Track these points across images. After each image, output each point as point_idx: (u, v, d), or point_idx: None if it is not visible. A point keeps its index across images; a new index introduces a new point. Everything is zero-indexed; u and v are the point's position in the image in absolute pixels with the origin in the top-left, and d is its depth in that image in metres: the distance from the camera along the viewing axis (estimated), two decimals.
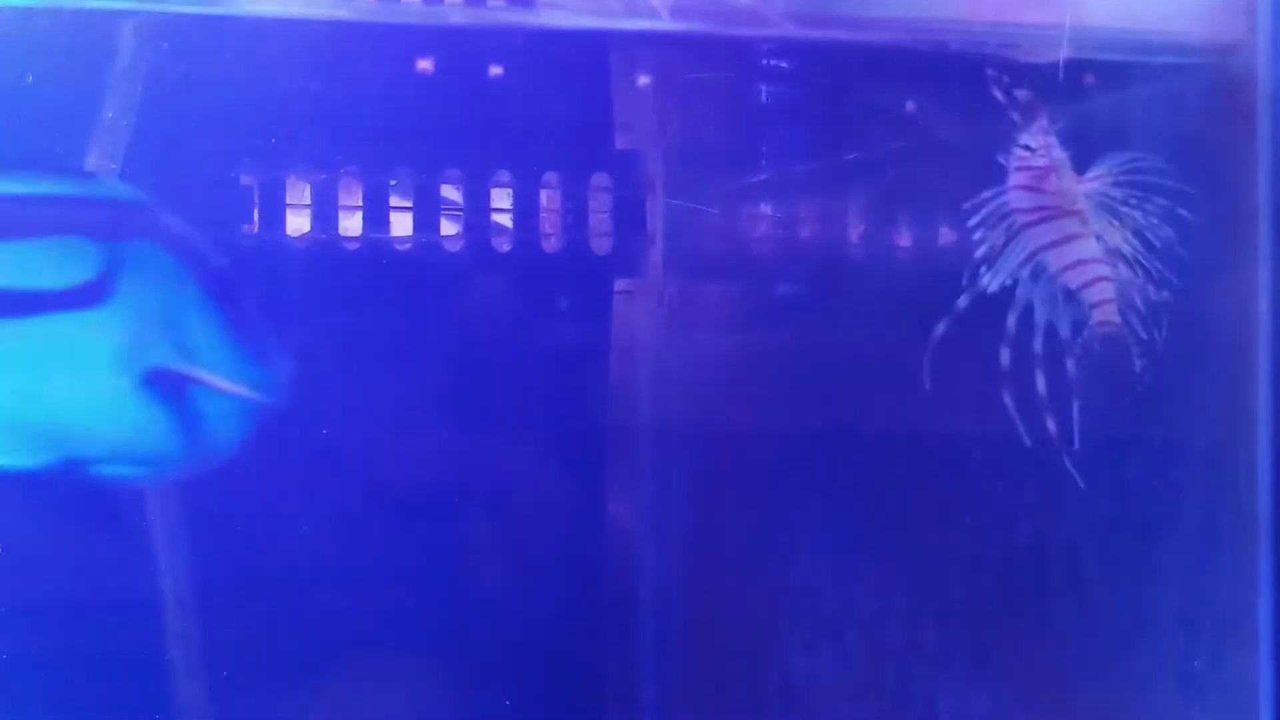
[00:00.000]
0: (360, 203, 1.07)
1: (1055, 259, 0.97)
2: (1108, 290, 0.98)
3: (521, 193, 1.09)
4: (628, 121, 1.09)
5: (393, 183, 1.06)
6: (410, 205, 1.08)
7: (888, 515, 1.12)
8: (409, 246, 1.08)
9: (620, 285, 1.12)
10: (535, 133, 1.08)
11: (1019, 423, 0.96)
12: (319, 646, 1.03)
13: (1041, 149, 0.96)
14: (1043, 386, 0.96)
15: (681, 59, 1.06)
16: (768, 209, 1.13)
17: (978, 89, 1.00)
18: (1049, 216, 0.97)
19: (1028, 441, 0.96)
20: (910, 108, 1.08)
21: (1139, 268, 0.98)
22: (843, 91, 1.08)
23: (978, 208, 0.97)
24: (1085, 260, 0.98)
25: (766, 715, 1.14)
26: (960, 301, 0.97)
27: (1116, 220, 0.98)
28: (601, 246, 1.11)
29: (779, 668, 1.14)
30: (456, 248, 1.09)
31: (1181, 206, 0.97)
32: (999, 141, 0.95)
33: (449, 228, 1.09)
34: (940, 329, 0.97)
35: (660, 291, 1.11)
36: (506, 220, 1.10)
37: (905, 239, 1.13)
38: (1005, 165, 0.97)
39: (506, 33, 0.98)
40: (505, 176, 1.08)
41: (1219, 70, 1.05)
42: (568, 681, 1.11)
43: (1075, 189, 0.97)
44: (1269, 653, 1.05)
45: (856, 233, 1.14)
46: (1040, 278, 0.98)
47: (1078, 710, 1.11)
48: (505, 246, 1.09)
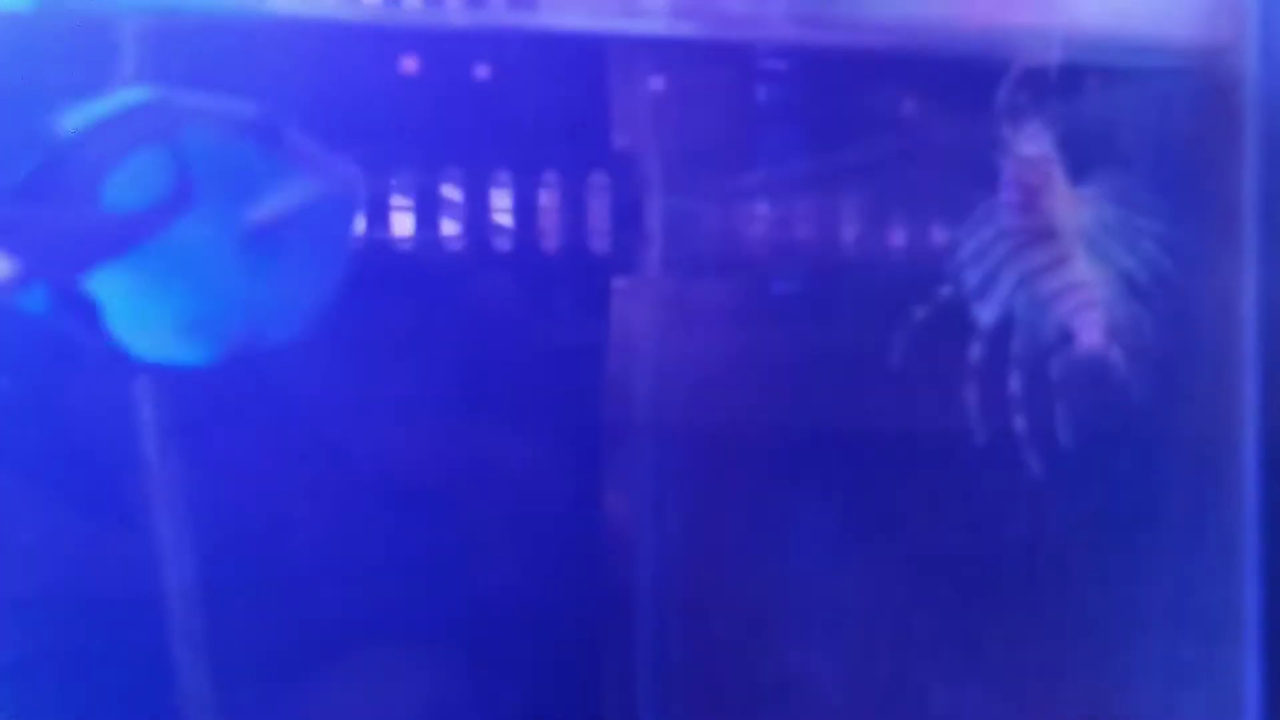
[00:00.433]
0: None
1: (1043, 283, 0.97)
2: (1095, 315, 0.97)
3: (520, 192, 1.09)
4: (626, 122, 1.10)
5: (391, 182, 1.07)
6: (409, 205, 1.08)
7: (883, 512, 1.12)
8: (408, 246, 1.08)
9: (618, 284, 1.12)
10: (533, 132, 1.08)
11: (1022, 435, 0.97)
12: (313, 642, 1.03)
13: (1037, 159, 0.95)
14: (1027, 399, 0.97)
15: (680, 60, 1.06)
16: (765, 209, 1.14)
17: (973, 91, 1.01)
18: (1040, 238, 0.96)
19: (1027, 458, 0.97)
20: (906, 110, 1.09)
21: (1129, 291, 0.98)
22: (840, 93, 1.08)
23: (968, 235, 0.97)
24: (1074, 285, 0.97)
25: (764, 711, 1.14)
26: (918, 313, 0.97)
27: (1109, 242, 0.98)
28: (599, 246, 1.11)
29: (776, 664, 1.14)
30: (455, 247, 1.09)
31: (1173, 228, 0.98)
32: (995, 144, 0.96)
33: (448, 227, 1.09)
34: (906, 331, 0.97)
35: (658, 290, 1.11)
36: (505, 219, 1.10)
37: (902, 240, 1.13)
38: (1000, 169, 0.97)
39: (505, 34, 0.98)
40: (504, 176, 1.08)
41: (1208, 72, 1.05)
42: (565, 677, 1.10)
43: (1069, 207, 0.97)
44: (1255, 647, 1.06)
45: (854, 233, 1.14)
46: (1032, 305, 0.97)
47: (1066, 704, 1.11)
48: (504, 245, 1.10)
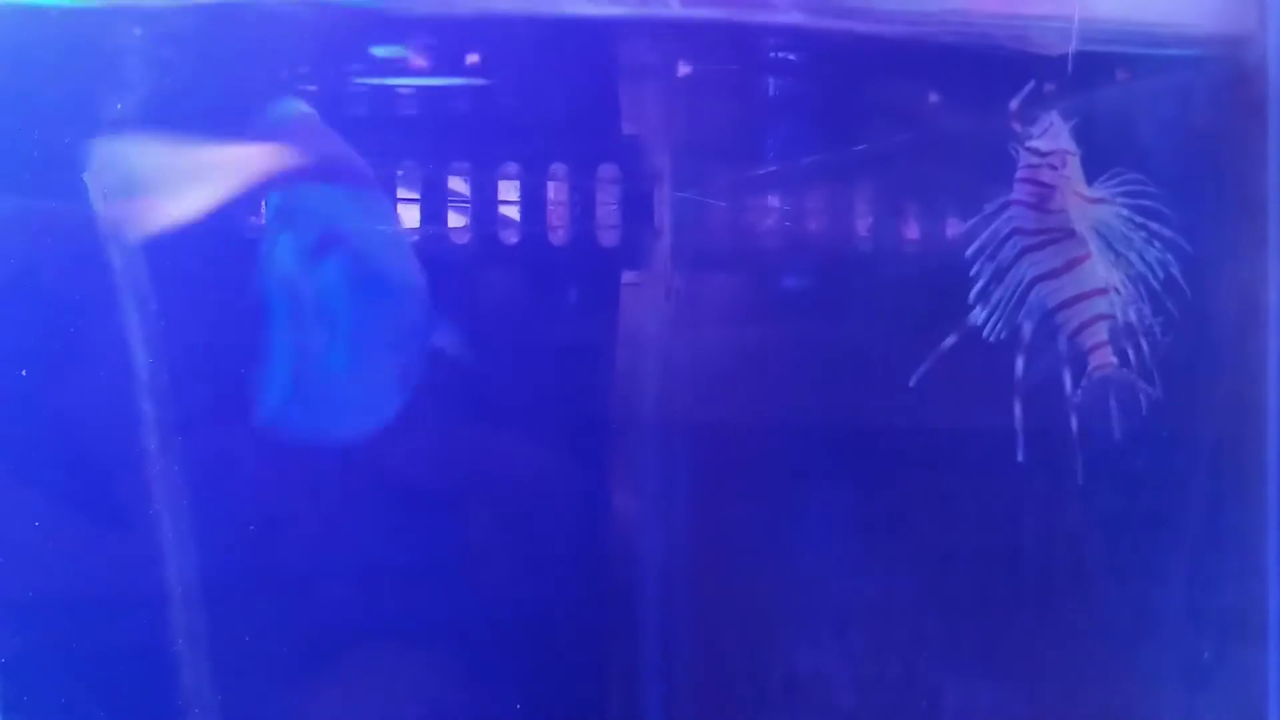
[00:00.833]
0: None
1: (1054, 292, 0.95)
2: (1104, 331, 0.95)
3: (528, 185, 1.09)
4: (635, 113, 1.09)
5: (401, 169, 1.06)
6: (417, 197, 1.07)
7: (894, 509, 1.12)
8: (416, 239, 1.08)
9: (627, 278, 1.11)
10: (542, 124, 1.07)
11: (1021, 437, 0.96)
12: (323, 640, 1.03)
13: (1054, 154, 0.93)
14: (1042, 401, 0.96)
15: (690, 49, 1.06)
16: (776, 202, 1.13)
17: (986, 81, 1.00)
18: (1052, 240, 0.94)
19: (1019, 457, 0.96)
20: (919, 100, 1.08)
21: (1145, 294, 0.96)
22: (851, 83, 1.07)
23: (977, 230, 0.95)
24: (1085, 294, 0.95)
25: (771, 709, 1.14)
26: (948, 341, 0.96)
27: (1125, 243, 0.96)
28: (609, 239, 1.10)
29: (784, 661, 1.13)
30: (463, 240, 1.08)
31: (1191, 225, 0.96)
32: (1008, 134, 0.95)
33: (456, 220, 1.09)
34: (930, 361, 0.96)
35: (667, 284, 1.11)
36: (514, 212, 1.10)
37: (913, 232, 1.13)
38: (1015, 158, 0.96)
39: (513, 23, 0.97)
40: (512, 168, 1.08)
41: (1229, 63, 1.04)
42: (572, 674, 1.10)
43: (1083, 206, 0.95)
44: (1278, 646, 1.05)
45: (865, 226, 1.13)
46: (1039, 324, 0.95)
47: (1086, 705, 1.10)
48: (512, 239, 1.09)
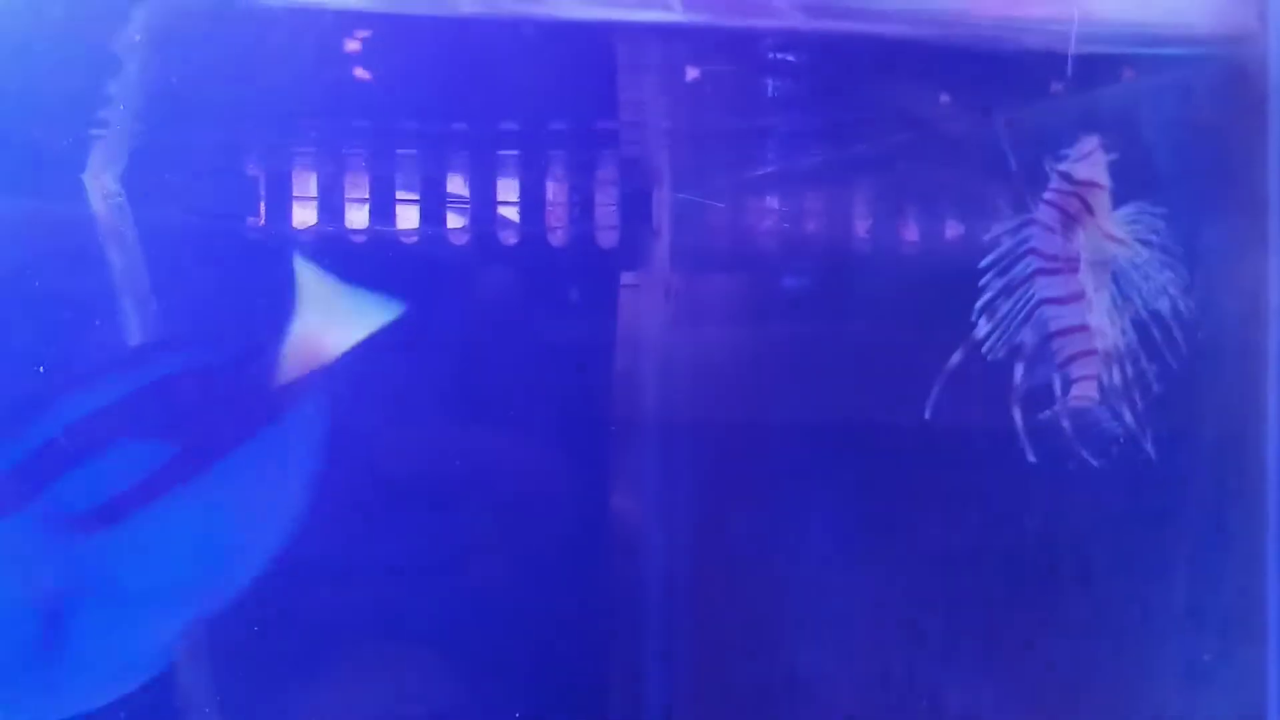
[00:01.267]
0: (367, 195, 1.07)
1: (1056, 318, 0.95)
2: (1092, 366, 0.95)
3: (527, 186, 1.09)
4: (635, 114, 1.09)
5: (400, 169, 1.06)
6: (417, 198, 1.07)
7: (894, 508, 1.12)
8: (415, 239, 1.08)
9: (626, 279, 1.11)
10: (542, 126, 1.07)
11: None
12: (322, 638, 1.03)
13: (1086, 185, 0.93)
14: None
15: (690, 51, 1.06)
16: (774, 203, 1.13)
17: (985, 82, 1.00)
18: (1063, 269, 0.94)
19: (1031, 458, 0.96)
20: (917, 101, 1.08)
21: (1142, 345, 0.96)
22: (851, 84, 1.07)
23: (994, 243, 0.95)
24: (1083, 327, 0.95)
25: (772, 708, 1.14)
26: (954, 358, 0.96)
27: (1133, 291, 0.95)
28: (607, 240, 1.10)
29: (785, 661, 1.13)
30: (462, 241, 1.08)
31: (1190, 232, 0.96)
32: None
33: (455, 221, 1.09)
34: (940, 383, 0.96)
35: (666, 285, 1.11)
36: (513, 213, 1.09)
37: (912, 233, 1.13)
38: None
39: (515, 24, 0.97)
40: (511, 169, 1.08)
41: (1229, 62, 1.04)
42: (573, 674, 1.10)
43: (1103, 242, 0.94)
44: (1277, 645, 1.05)
45: (863, 227, 1.13)
46: (1040, 343, 0.95)
47: (1086, 703, 1.10)
48: (511, 239, 1.09)
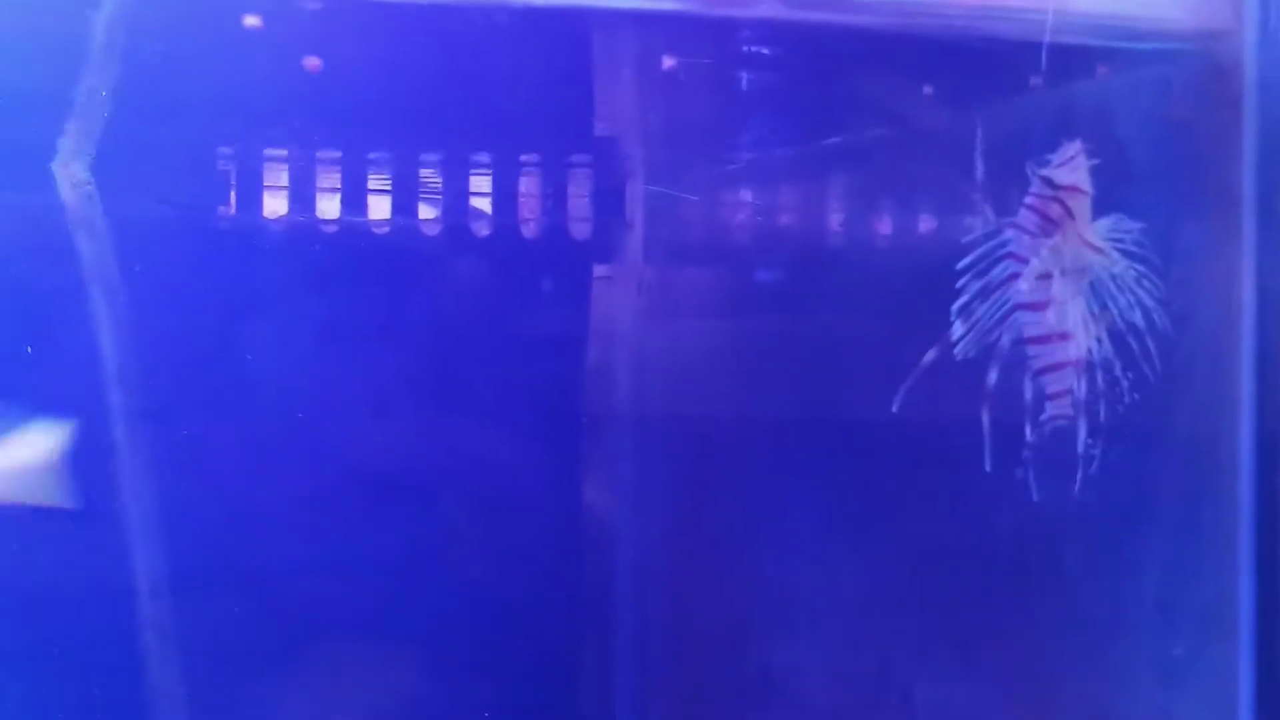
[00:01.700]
0: (338, 185, 1.06)
1: (1031, 324, 0.95)
2: (1067, 380, 0.95)
3: (500, 177, 1.08)
4: (609, 105, 1.08)
5: (371, 159, 1.05)
6: (388, 188, 1.07)
7: (867, 504, 1.12)
8: (387, 230, 1.07)
9: (599, 271, 1.11)
10: (515, 116, 1.07)
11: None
12: (293, 635, 1.03)
13: (1067, 190, 0.92)
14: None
15: (666, 40, 1.05)
16: (748, 195, 1.13)
17: (962, 73, 1.00)
18: (1041, 274, 0.94)
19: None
20: (894, 93, 1.08)
21: (1117, 354, 0.96)
22: (830, 75, 1.07)
23: (973, 245, 0.95)
24: (1060, 335, 0.95)
25: (745, 704, 1.14)
26: (928, 356, 0.96)
27: (1110, 301, 0.95)
28: (580, 232, 1.10)
29: (758, 657, 1.13)
30: (434, 232, 1.08)
31: (1165, 226, 0.96)
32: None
33: (427, 211, 1.08)
34: (911, 380, 0.96)
35: (639, 278, 1.10)
36: (485, 205, 1.09)
37: (888, 226, 1.13)
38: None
39: (489, 11, 0.97)
40: (484, 160, 1.07)
41: (1206, 57, 1.05)
42: (545, 669, 1.10)
43: (1082, 250, 0.94)
44: (1249, 642, 1.06)
45: (839, 220, 1.13)
46: (1013, 346, 0.95)
47: (1059, 699, 1.11)
48: (484, 231, 1.09)
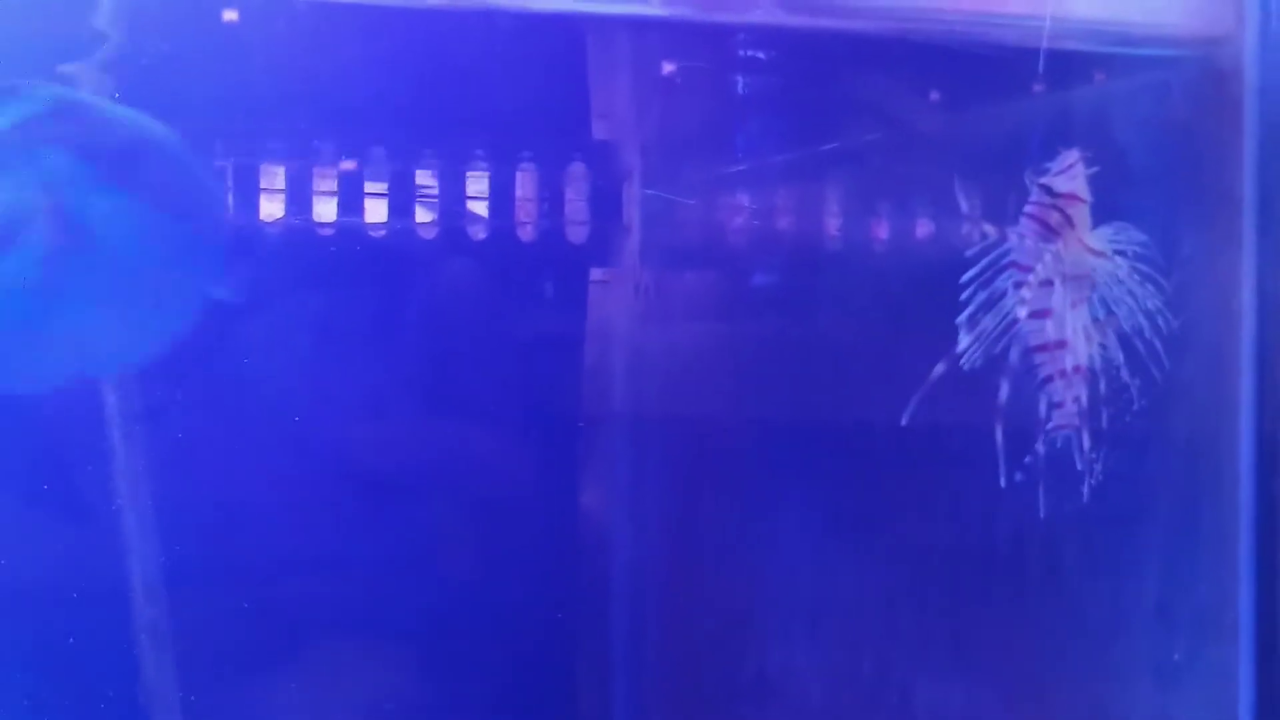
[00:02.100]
0: (335, 188, 1.06)
1: (1036, 333, 0.95)
2: (1070, 388, 0.95)
3: (497, 180, 1.08)
4: (606, 109, 1.08)
5: (367, 167, 1.05)
6: (385, 191, 1.07)
7: (864, 506, 1.12)
8: (383, 233, 1.07)
9: (596, 275, 1.11)
10: (512, 119, 1.07)
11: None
12: (287, 635, 1.02)
13: (1066, 198, 0.92)
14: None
15: (663, 45, 1.05)
16: (746, 199, 1.13)
17: (960, 78, 1.00)
18: (1043, 282, 0.94)
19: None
20: (891, 97, 1.08)
21: (1123, 358, 0.96)
22: (827, 80, 1.07)
23: (977, 257, 0.94)
24: (1060, 343, 0.94)
25: (741, 705, 1.14)
26: (937, 369, 0.96)
27: (1114, 304, 0.95)
28: (577, 235, 1.10)
29: (754, 658, 1.13)
30: (431, 235, 1.08)
31: (1165, 229, 0.96)
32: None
33: (424, 215, 1.08)
34: (920, 394, 0.96)
35: (636, 281, 1.10)
36: (482, 208, 1.09)
37: (885, 231, 1.13)
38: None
39: (488, 15, 0.97)
40: (481, 163, 1.07)
41: (1205, 63, 1.05)
42: (541, 671, 1.10)
43: (1083, 255, 0.94)
44: (1249, 645, 1.06)
45: (836, 224, 1.13)
46: (1022, 357, 0.95)
47: (1058, 702, 1.11)
48: (480, 234, 1.08)
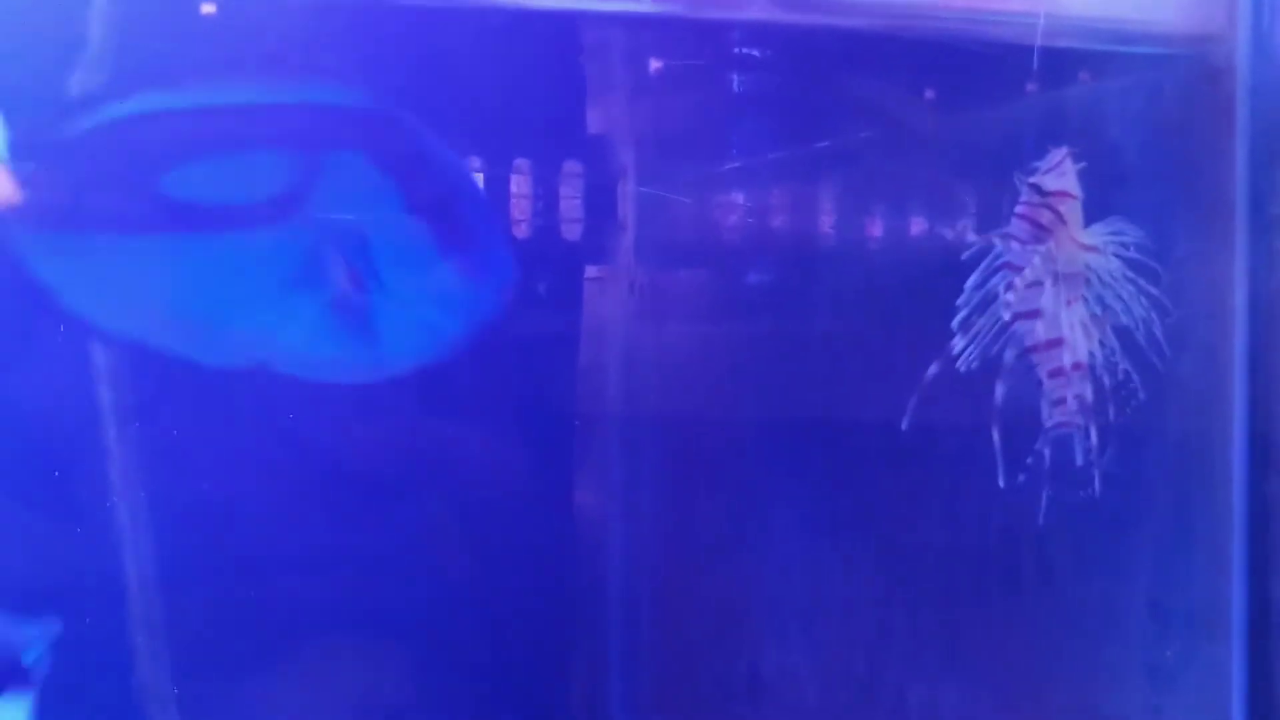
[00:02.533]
0: None
1: (1031, 333, 0.95)
2: (1068, 386, 0.95)
3: (492, 178, 1.08)
4: (601, 107, 1.08)
5: None
6: None
7: (858, 505, 1.12)
8: None
9: (590, 272, 1.11)
10: (507, 117, 1.07)
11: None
12: (284, 635, 1.02)
13: (1056, 195, 0.92)
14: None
15: (657, 42, 1.05)
16: (741, 197, 1.13)
17: (954, 75, 1.00)
18: (1035, 281, 0.94)
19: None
20: (886, 95, 1.08)
21: (1124, 351, 0.96)
22: (820, 78, 1.07)
23: (972, 260, 0.94)
24: (1056, 341, 0.94)
25: (734, 704, 1.14)
26: (931, 370, 0.96)
27: (1111, 296, 0.95)
28: (572, 233, 1.10)
29: (748, 657, 1.13)
30: None
31: (1158, 227, 0.96)
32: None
33: None
34: (916, 397, 0.96)
35: (631, 279, 1.10)
36: None
37: (878, 229, 1.13)
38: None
39: (483, 12, 0.97)
40: (476, 161, 1.07)
41: (1198, 61, 1.05)
42: (535, 670, 1.10)
43: (1076, 252, 0.94)
44: (1242, 644, 1.06)
45: (830, 222, 1.13)
46: (1018, 358, 0.95)
47: (1051, 700, 1.11)
48: None
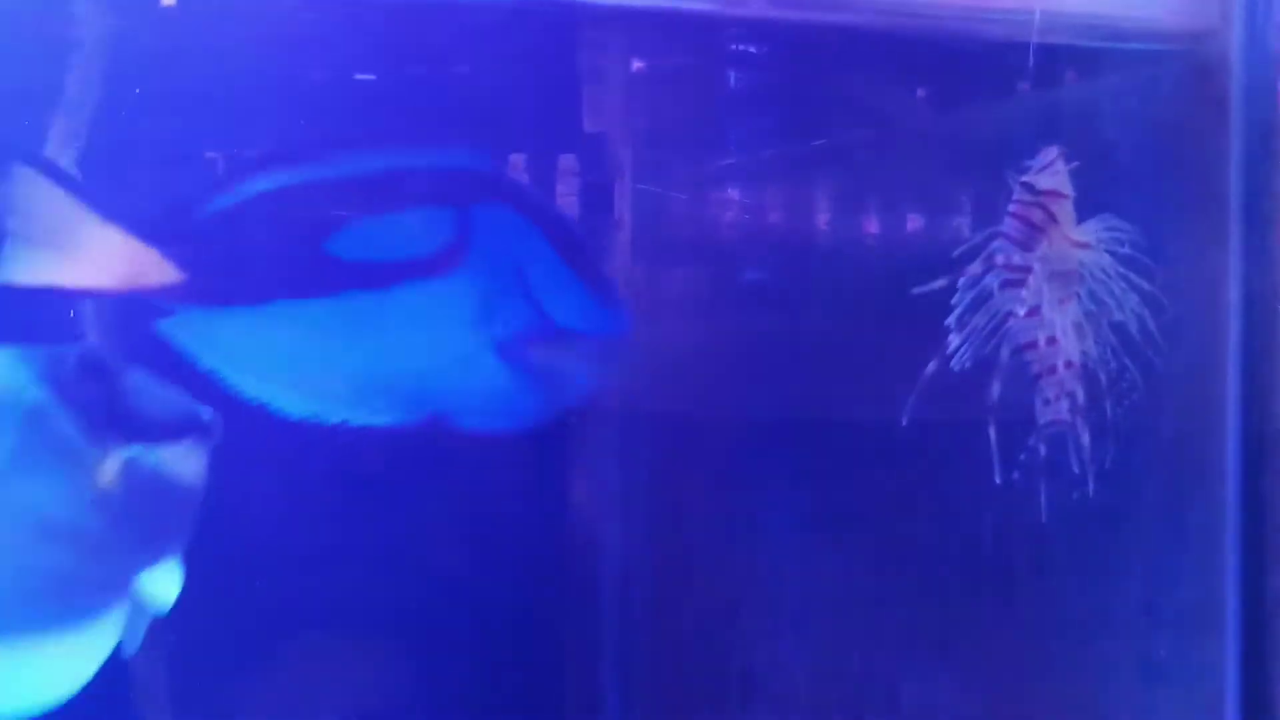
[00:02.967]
0: None
1: (1021, 331, 0.95)
2: (1061, 384, 0.95)
3: None
4: (597, 103, 1.08)
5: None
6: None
7: (852, 502, 1.12)
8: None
9: None
10: (503, 114, 1.07)
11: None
12: (281, 634, 1.03)
13: (1048, 194, 0.93)
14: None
15: (654, 38, 1.05)
16: (737, 194, 1.13)
17: (950, 72, 1.00)
18: (1029, 282, 0.94)
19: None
20: (883, 92, 1.08)
21: (1118, 347, 0.96)
22: (817, 75, 1.08)
23: (965, 258, 0.95)
24: (1049, 340, 0.95)
25: (728, 700, 1.14)
26: (929, 369, 0.96)
27: (1104, 292, 0.95)
28: None
29: (742, 653, 1.13)
30: None
31: (1152, 223, 0.96)
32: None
33: None
34: (916, 393, 0.96)
35: (627, 276, 1.10)
36: None
37: (874, 226, 1.13)
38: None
39: (479, 8, 0.97)
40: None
41: (1192, 57, 1.05)
42: (531, 666, 1.10)
43: (1068, 250, 0.94)
44: (1236, 642, 1.06)
45: (826, 220, 1.13)
46: (1012, 356, 0.95)
47: (1045, 697, 1.11)
48: None
